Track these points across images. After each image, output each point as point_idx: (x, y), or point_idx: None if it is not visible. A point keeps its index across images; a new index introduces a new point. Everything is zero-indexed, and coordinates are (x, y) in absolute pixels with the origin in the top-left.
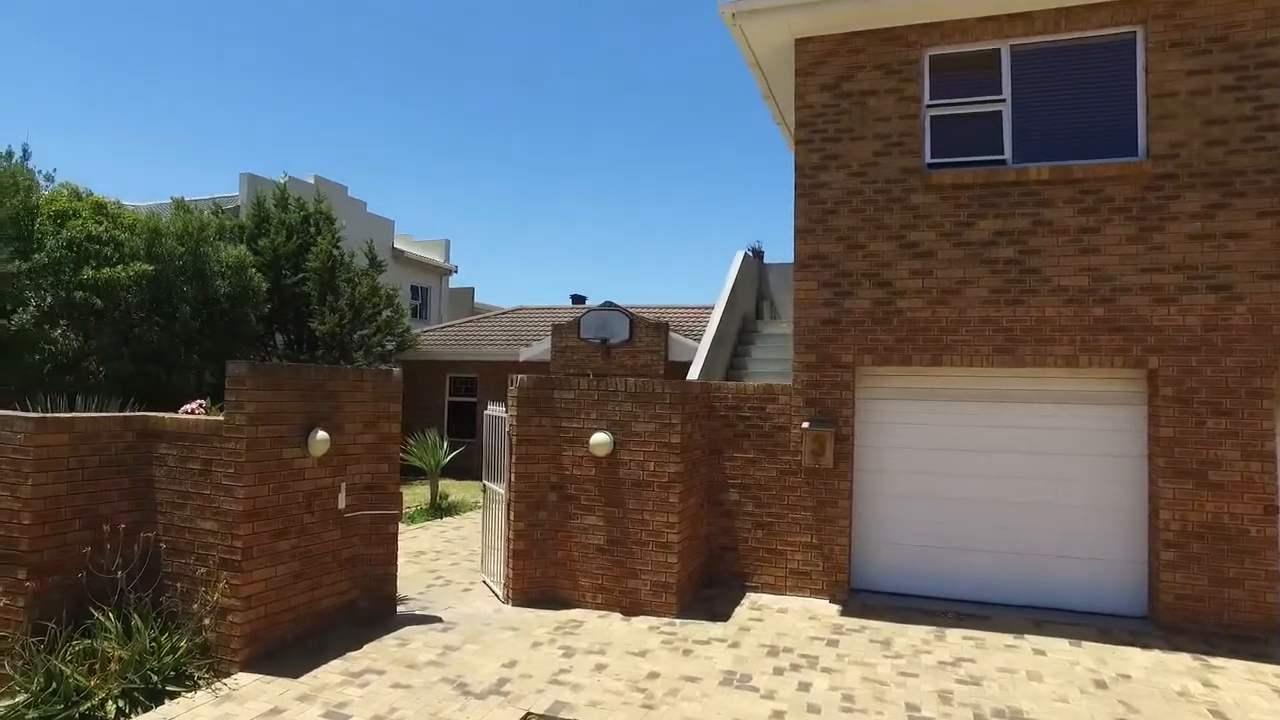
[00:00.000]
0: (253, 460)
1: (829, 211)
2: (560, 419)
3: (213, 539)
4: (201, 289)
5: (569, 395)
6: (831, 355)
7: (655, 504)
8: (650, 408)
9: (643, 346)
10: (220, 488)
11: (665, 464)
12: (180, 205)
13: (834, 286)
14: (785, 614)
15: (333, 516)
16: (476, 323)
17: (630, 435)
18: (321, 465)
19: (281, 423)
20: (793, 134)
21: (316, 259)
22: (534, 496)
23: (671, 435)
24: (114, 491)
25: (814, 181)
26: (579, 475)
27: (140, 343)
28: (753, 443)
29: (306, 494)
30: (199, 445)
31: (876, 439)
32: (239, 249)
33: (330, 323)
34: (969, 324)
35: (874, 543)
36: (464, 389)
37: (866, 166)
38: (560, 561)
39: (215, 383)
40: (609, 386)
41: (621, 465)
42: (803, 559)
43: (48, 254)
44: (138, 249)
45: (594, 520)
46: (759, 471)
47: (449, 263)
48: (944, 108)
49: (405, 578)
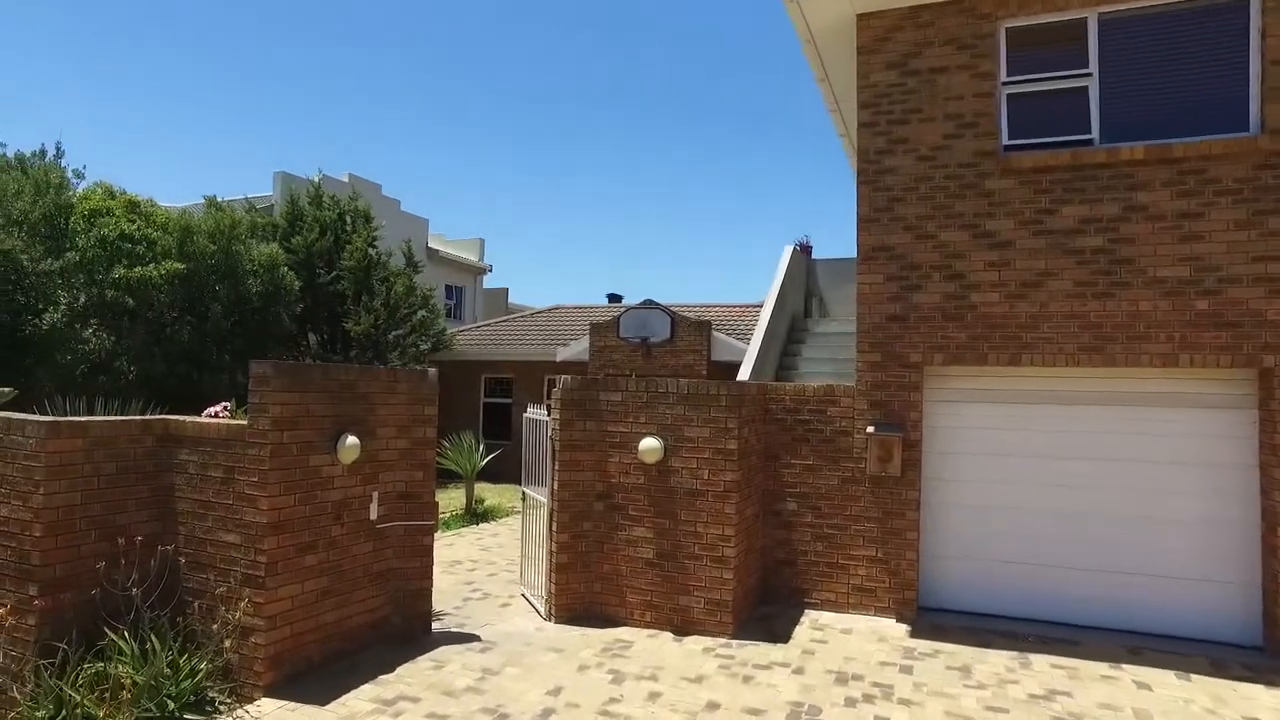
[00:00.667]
0: (277, 468)
1: (895, 199)
2: (606, 423)
3: (235, 553)
4: (233, 288)
5: (615, 397)
6: (898, 354)
7: (709, 515)
8: (704, 411)
9: (684, 346)
10: (243, 498)
11: (720, 472)
12: (213, 203)
13: (901, 280)
14: (850, 635)
15: (364, 528)
16: (512, 322)
17: (682, 441)
18: (352, 473)
19: (309, 427)
20: (845, 120)
21: (352, 257)
22: (578, 506)
23: (727, 441)
24: (132, 501)
25: (878, 167)
26: (627, 483)
27: (172, 343)
28: (812, 448)
29: (335, 504)
30: (220, 451)
31: (947, 445)
32: (271, 247)
33: (365, 323)
34: (1051, 320)
35: (944, 558)
36: (499, 389)
37: (936, 150)
38: (606, 576)
39: (246, 383)
40: (659, 388)
41: (673, 473)
42: (867, 574)
43: (80, 252)
44: (170, 248)
45: (643, 532)
46: (819, 479)
47: (483, 262)
48: (1023, 85)
49: (440, 590)
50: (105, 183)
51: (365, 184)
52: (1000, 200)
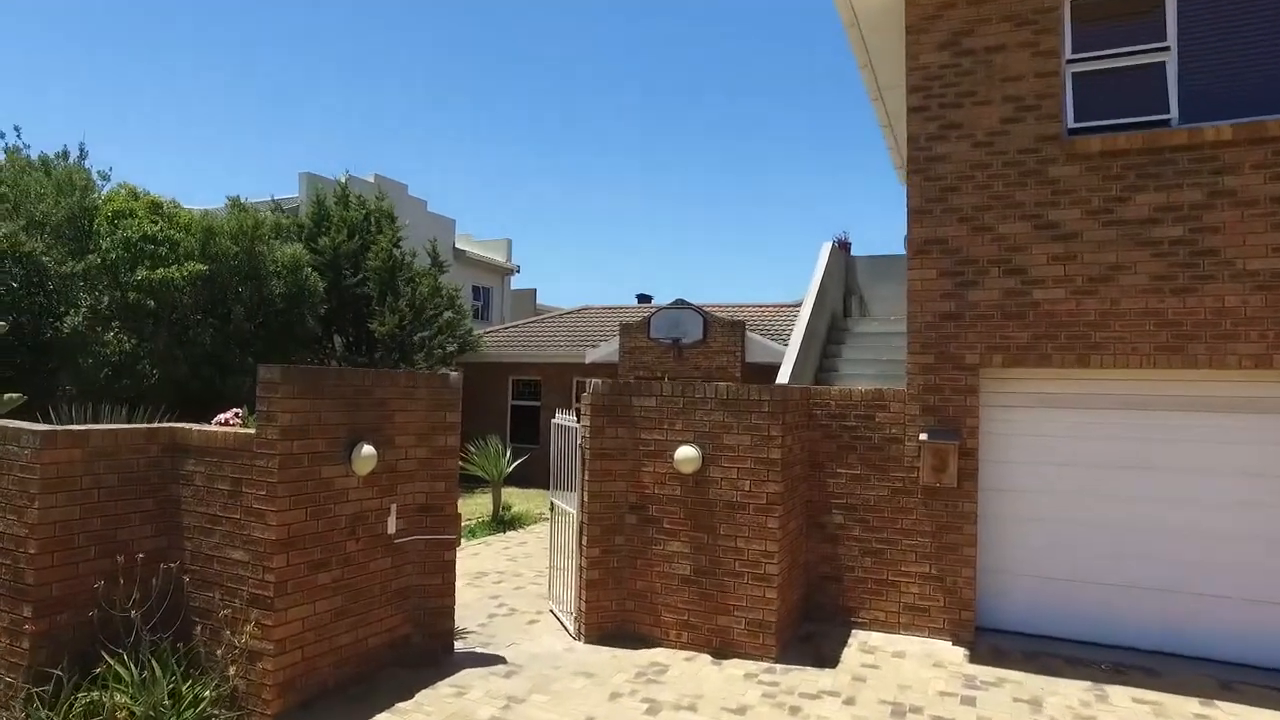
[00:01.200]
0: (287, 480)
1: (948, 189)
2: (640, 430)
3: (243, 571)
4: (256, 289)
5: (650, 403)
6: (953, 355)
7: (751, 529)
8: (745, 417)
9: (718, 347)
10: (250, 512)
11: (763, 483)
12: (236, 204)
13: (956, 275)
14: (903, 659)
15: (381, 543)
16: (540, 323)
17: (721, 449)
18: (368, 485)
19: (321, 436)
20: (888, 110)
21: (377, 258)
22: (610, 518)
23: (770, 449)
24: (135, 515)
25: (930, 155)
26: (662, 495)
27: (194, 345)
28: (860, 456)
29: (350, 518)
30: (227, 462)
31: (1006, 453)
32: (295, 248)
33: (390, 324)
34: (1124, 317)
35: (1004, 574)
36: (527, 392)
37: (994, 135)
38: (640, 593)
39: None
40: (696, 393)
41: (711, 484)
42: (919, 592)
43: (102, 254)
44: (193, 249)
45: (679, 546)
46: (867, 490)
47: (511, 262)
48: (1090, 62)
49: (464, 604)
50: (129, 184)
51: (391, 184)
52: (1065, 188)
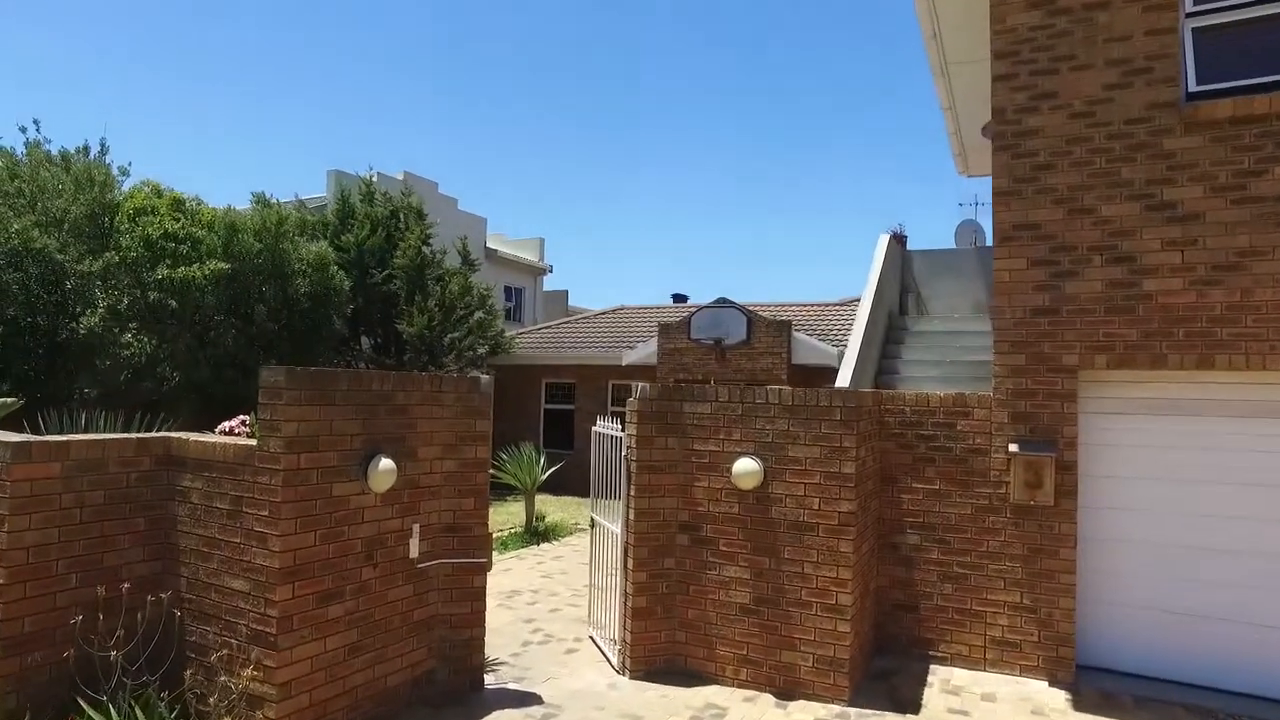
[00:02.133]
0: (292, 500)
1: (1041, 167)
2: (693, 440)
3: (243, 603)
4: (280, 288)
5: (703, 409)
6: (1047, 355)
7: (820, 553)
8: (813, 426)
9: (762, 348)
10: (251, 535)
11: (834, 501)
12: (260, 200)
13: (1050, 265)
14: (995, 703)
15: (402, 569)
16: (574, 324)
17: (786, 462)
18: (387, 503)
19: (332, 448)
20: (951, 88)
21: (404, 255)
22: (659, 539)
23: (843, 463)
24: (124, 537)
25: (1019, 129)
26: (717, 513)
27: (216, 346)
28: (938, 470)
29: (366, 541)
30: (227, 478)
31: (1111, 467)
32: (320, 245)
33: (418, 324)
34: (1258, 311)
35: (1108, 606)
36: (561, 395)
37: (1095, 104)
38: (692, 623)
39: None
40: (757, 398)
41: (774, 501)
42: (1009, 624)
43: (122, 253)
44: (215, 247)
45: (737, 572)
46: (947, 508)
47: (543, 262)
48: (1216, 14)
49: (495, 629)
50: (152, 181)
51: (421, 181)
52: (1183, 162)
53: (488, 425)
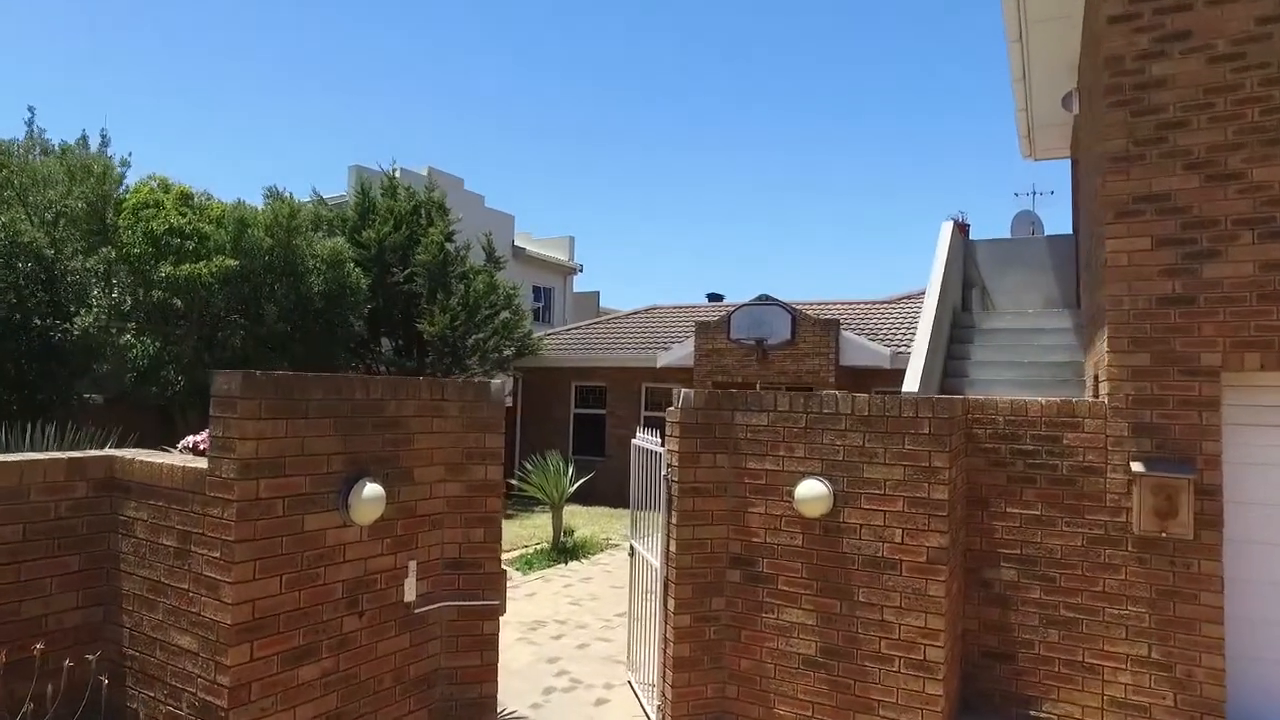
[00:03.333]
0: (250, 537)
1: (1171, 124)
2: (746, 457)
3: (191, 665)
4: (293, 286)
5: (759, 420)
6: (1180, 355)
7: (905, 597)
8: (895, 441)
9: (808, 348)
10: (201, 581)
11: (922, 533)
12: (273, 194)
13: (1183, 244)
14: None
15: (395, 615)
16: (605, 325)
17: (861, 485)
18: (375, 536)
19: (303, 471)
20: (1027, 52)
21: (426, 251)
22: (705, 575)
23: (933, 487)
24: (52, 580)
25: (1142, 80)
26: (776, 545)
27: (223, 349)
28: (1039, 492)
29: (349, 584)
30: (174, 509)
31: (1268, 491)
32: (336, 241)
33: (440, 324)
34: None
35: (1267, 663)
36: (591, 399)
37: (1245, 43)
38: (746, 676)
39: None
40: (825, 406)
41: (846, 532)
42: (1134, 683)
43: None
44: (223, 243)
45: (800, 616)
46: (1051, 538)
47: (573, 261)
48: None
49: (514, 671)
50: (161, 175)
51: (446, 178)
52: None
53: (500, 440)
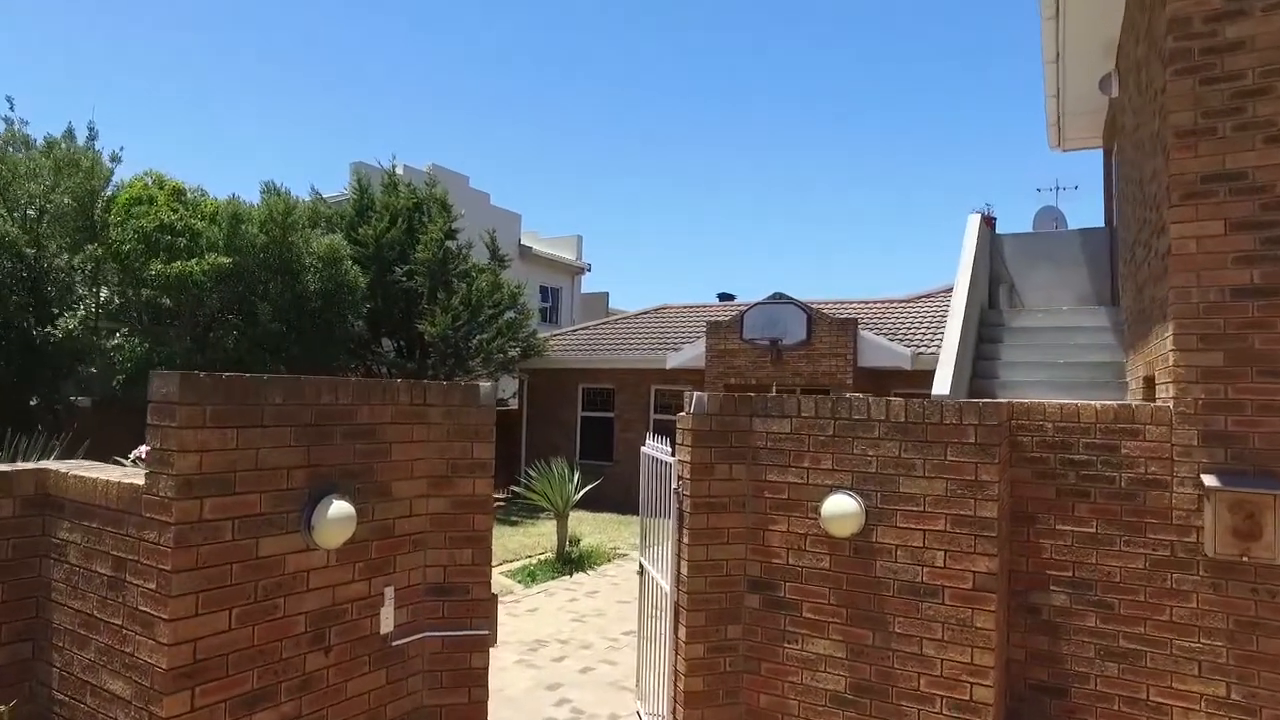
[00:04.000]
0: (190, 566)
1: (1248, 93)
2: (766, 468)
3: (123, 715)
4: (288, 285)
5: (781, 427)
6: (1259, 354)
7: (948, 629)
8: (936, 451)
9: (824, 348)
10: (135, 617)
11: (967, 556)
12: (270, 189)
13: (1262, 228)
14: None
15: (369, 650)
16: (613, 325)
17: (897, 500)
18: (345, 561)
19: (257, 488)
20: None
21: (426, 249)
22: (720, 602)
23: (980, 503)
24: None
25: (1213, 43)
26: (801, 568)
27: (216, 349)
28: (1094, 507)
29: (314, 616)
30: (109, 532)
31: None
32: (333, 238)
33: (440, 324)
34: None
35: None
36: (599, 402)
37: None
38: (766, 713)
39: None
40: (855, 413)
41: (880, 554)
42: None
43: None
44: (216, 240)
45: (828, 648)
46: (1108, 559)
47: (581, 260)
48: None
49: (510, 699)
50: (157, 172)
51: (450, 175)
52: None
53: (490, 449)
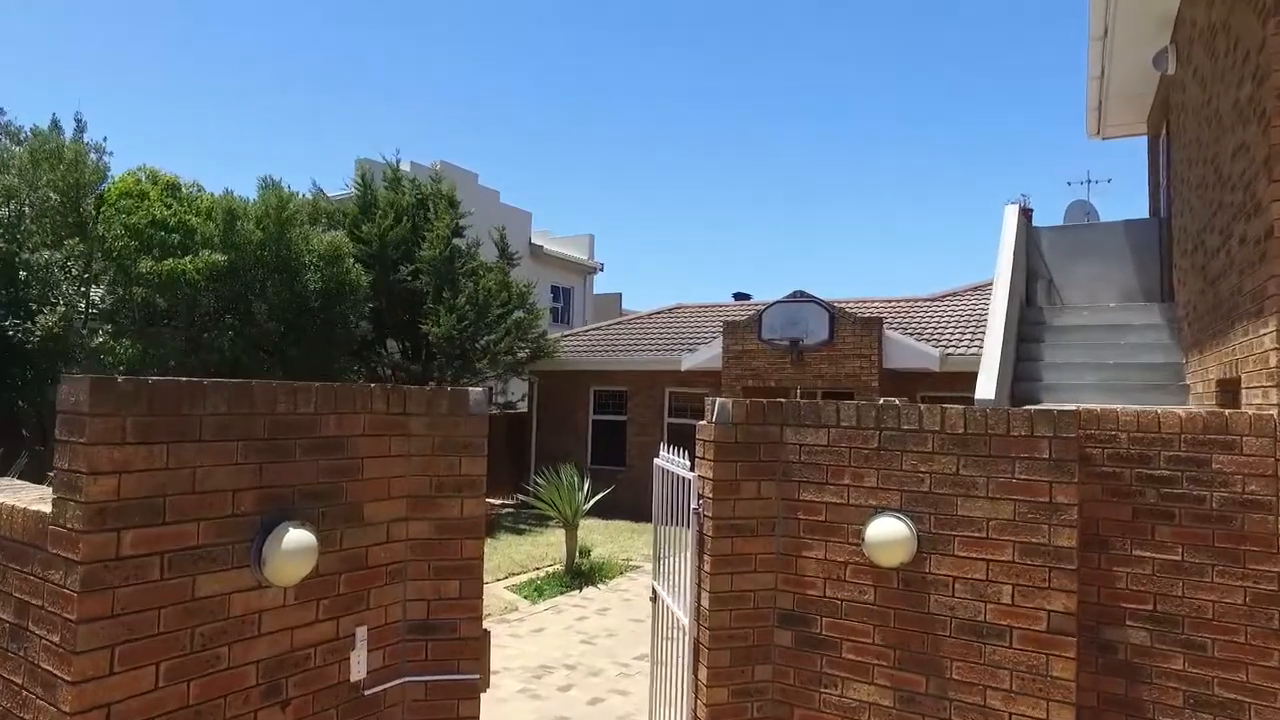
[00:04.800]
0: (103, 615)
1: None
2: (800, 485)
3: None
4: (286, 283)
5: (817, 438)
6: None
7: (1017, 676)
8: (1001, 467)
9: (848, 349)
10: (36, 676)
11: (1040, 592)
12: (268, 183)
13: None
14: None
15: (338, 701)
16: (625, 325)
17: (954, 525)
18: (306, 599)
19: (194, 514)
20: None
21: (431, 246)
22: (747, 638)
23: (1056, 530)
24: None
25: None
26: (840, 601)
27: (210, 351)
28: (1178, 531)
29: (268, 665)
30: (13, 570)
31: None
32: (334, 234)
33: (445, 324)
34: None
35: None
36: (612, 405)
37: None
38: None
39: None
40: (905, 421)
41: (934, 587)
42: None
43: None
44: (211, 236)
45: (872, 694)
46: (1198, 591)
47: (594, 260)
48: None
49: None
50: (151, 167)
51: (459, 172)
52: None
53: (481, 464)
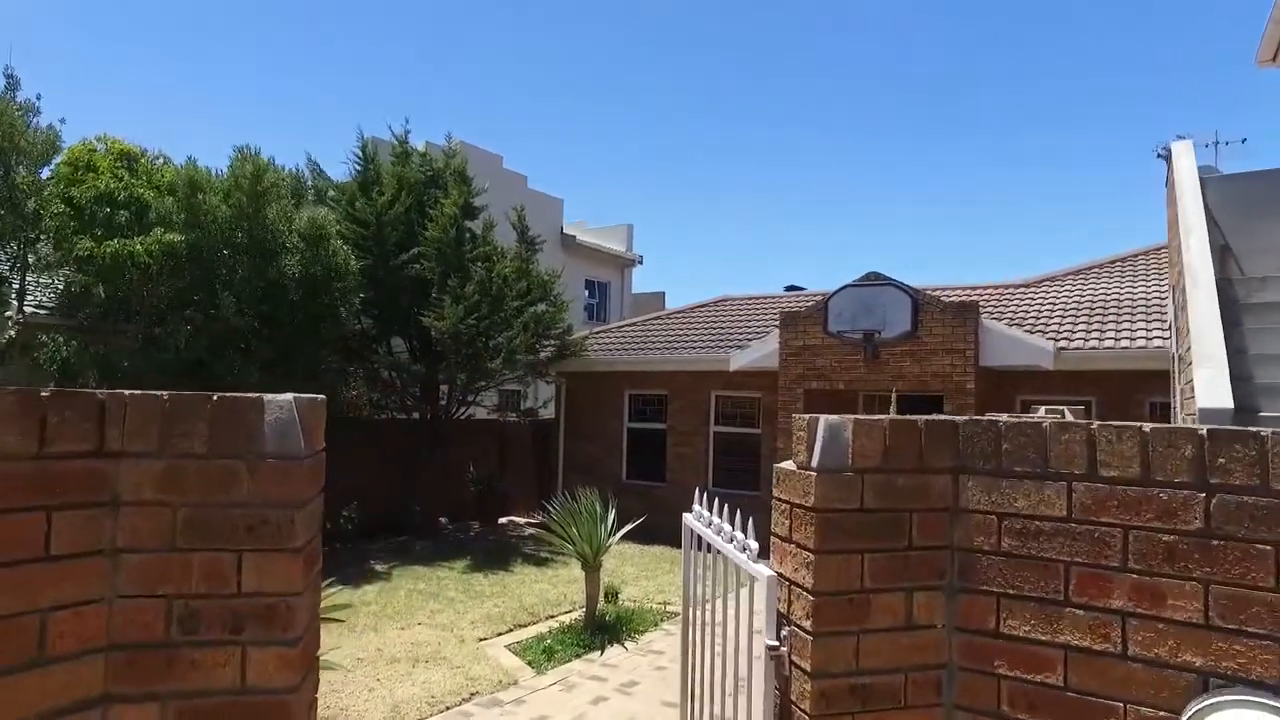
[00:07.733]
0: None
1: None
2: (1001, 600)
3: None
4: (259, 269)
5: (1039, 500)
6: None
7: None
8: None
9: (935, 342)
10: None
11: None
12: (244, 155)
13: None
14: None
15: None
16: (664, 320)
17: None
18: None
19: None
20: None
21: (436, 226)
22: None
23: None
24: None
25: None
26: None
27: (163, 349)
28: None
29: None
30: None
31: None
32: (317, 211)
33: (451, 317)
34: None
35: None
36: (650, 411)
37: None
38: None
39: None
40: (1274, 470)
41: None
42: None
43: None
44: (169, 213)
45: None
46: None
47: (631, 251)
48: None
49: None
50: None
51: (481, 153)
52: None
53: (300, 564)
